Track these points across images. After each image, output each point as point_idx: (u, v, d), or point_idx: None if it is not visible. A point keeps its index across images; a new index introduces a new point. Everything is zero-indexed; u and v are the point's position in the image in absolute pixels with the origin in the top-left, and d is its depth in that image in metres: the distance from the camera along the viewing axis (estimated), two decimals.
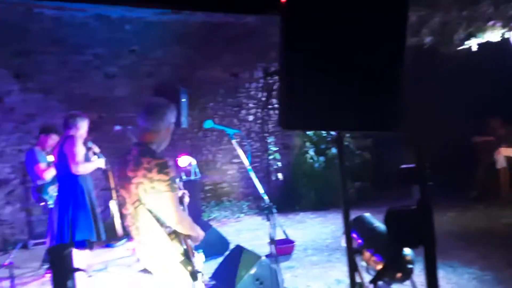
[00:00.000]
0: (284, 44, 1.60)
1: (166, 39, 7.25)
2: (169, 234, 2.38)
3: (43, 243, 5.36)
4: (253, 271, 3.91)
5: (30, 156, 4.94)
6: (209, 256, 5.12)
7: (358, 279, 1.97)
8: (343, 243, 2.01)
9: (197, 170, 7.14)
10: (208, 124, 3.61)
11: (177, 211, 2.39)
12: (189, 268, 2.40)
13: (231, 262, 4.35)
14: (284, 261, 4.76)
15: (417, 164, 1.46)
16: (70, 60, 6.67)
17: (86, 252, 3.58)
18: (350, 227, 2.03)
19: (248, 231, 6.46)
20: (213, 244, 5.26)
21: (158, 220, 2.36)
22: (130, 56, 7.13)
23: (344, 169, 1.99)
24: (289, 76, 1.61)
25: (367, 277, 2.05)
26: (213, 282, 4.30)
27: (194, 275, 2.42)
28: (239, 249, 4.49)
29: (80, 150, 3.73)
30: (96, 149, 4.28)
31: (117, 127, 6.10)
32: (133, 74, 7.14)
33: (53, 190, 4.68)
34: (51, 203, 4.71)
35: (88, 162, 3.90)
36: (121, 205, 2.55)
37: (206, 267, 4.78)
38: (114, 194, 5.86)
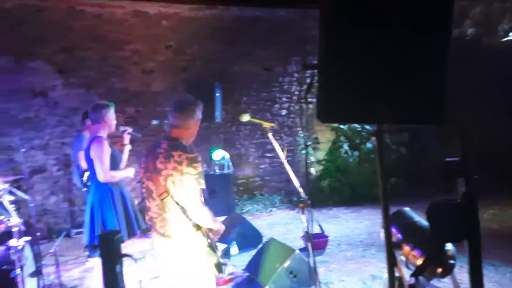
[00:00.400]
0: (323, 37, 1.60)
1: (201, 35, 7.35)
2: (193, 226, 2.45)
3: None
4: (287, 264, 3.94)
5: (76, 141, 5.13)
6: (242, 248, 5.22)
7: (396, 274, 1.96)
8: (382, 237, 2.00)
9: (230, 163, 7.22)
10: (246, 117, 3.64)
11: (200, 205, 2.46)
12: (214, 259, 2.46)
13: (265, 255, 4.39)
14: (318, 256, 4.76)
15: (462, 157, 1.44)
16: (110, 56, 6.87)
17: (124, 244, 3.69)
18: (389, 221, 2.02)
19: (281, 225, 6.48)
20: (247, 237, 5.33)
21: (184, 212, 2.43)
22: (167, 52, 7.27)
23: (384, 163, 1.96)
24: (329, 69, 1.61)
25: (406, 272, 2.03)
26: (246, 274, 4.36)
27: (219, 266, 2.48)
28: (273, 242, 4.53)
29: (106, 157, 3.61)
30: (130, 130, 4.11)
31: (154, 121, 6.27)
32: (169, 69, 7.28)
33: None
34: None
35: (116, 171, 3.75)
36: (146, 197, 2.59)
37: (240, 259, 4.89)
38: None
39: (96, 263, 3.72)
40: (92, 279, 4.36)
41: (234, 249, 5.11)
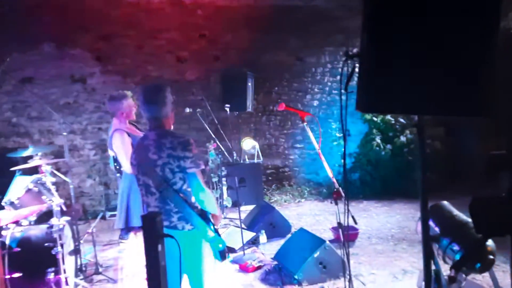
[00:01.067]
0: (367, 26, 1.59)
1: (235, 24, 7.37)
2: (197, 213, 2.39)
3: None
4: (316, 254, 3.96)
5: (110, 128, 5.31)
6: (271, 237, 5.27)
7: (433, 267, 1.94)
8: (419, 230, 1.98)
9: (260, 153, 7.26)
10: (281, 106, 3.65)
11: (204, 187, 2.39)
12: (220, 245, 2.42)
13: (294, 245, 4.43)
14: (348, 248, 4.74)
15: (508, 151, 1.41)
16: (146, 44, 7.00)
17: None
18: (427, 214, 2.00)
19: (309, 216, 6.48)
20: (275, 226, 5.37)
21: (186, 200, 2.37)
22: (200, 41, 7.34)
23: (424, 155, 1.94)
24: (372, 58, 1.60)
25: (442, 266, 2.01)
26: (275, 263, 4.40)
27: (223, 254, 2.43)
28: (303, 232, 4.55)
29: (127, 148, 3.64)
30: None
31: (187, 109, 6.38)
32: (203, 58, 7.35)
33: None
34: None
35: None
36: (143, 194, 2.52)
37: (268, 247, 4.94)
38: None
39: (128, 245, 3.84)
40: (125, 260, 4.51)
41: (262, 238, 5.17)
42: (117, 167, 5.03)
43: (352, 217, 5.24)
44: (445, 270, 1.98)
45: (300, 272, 3.90)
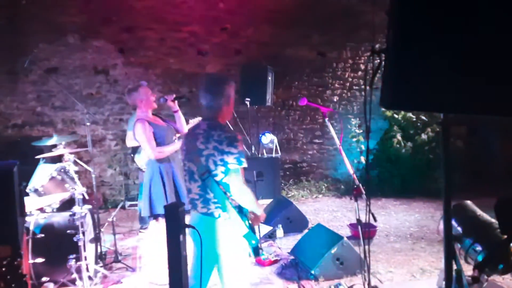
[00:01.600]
0: (396, 20, 1.56)
1: (257, 17, 7.35)
2: (235, 206, 2.43)
3: (137, 205, 5.82)
4: (334, 250, 3.95)
5: (130, 119, 5.42)
6: (287, 232, 5.27)
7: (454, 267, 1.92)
8: (441, 229, 1.96)
9: (278, 147, 7.25)
10: (302, 101, 3.63)
11: (242, 184, 2.43)
12: (253, 241, 2.43)
13: (311, 240, 4.43)
14: (365, 245, 4.72)
15: None
16: (168, 36, 7.05)
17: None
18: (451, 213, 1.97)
19: (327, 212, 6.47)
20: (292, 221, 5.37)
21: (225, 193, 2.41)
22: (222, 34, 7.35)
23: (449, 153, 1.91)
24: (399, 54, 1.57)
25: (464, 266, 1.98)
26: (292, 257, 4.41)
27: (256, 250, 2.48)
28: (320, 228, 4.54)
29: (149, 136, 3.70)
30: (171, 97, 3.98)
31: None
32: (223, 51, 7.36)
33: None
34: (144, 167, 5.12)
35: (164, 146, 3.80)
36: (188, 179, 2.58)
37: (285, 242, 4.95)
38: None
39: (147, 234, 3.90)
40: (144, 249, 4.59)
41: (279, 232, 5.18)
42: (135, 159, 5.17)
43: (372, 214, 5.21)
44: (467, 270, 1.95)
45: (317, 267, 3.91)
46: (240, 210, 2.45)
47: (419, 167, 7.13)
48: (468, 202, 2.18)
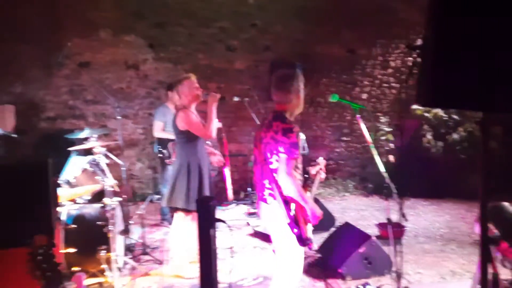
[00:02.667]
0: (434, 16, 1.51)
1: (287, 14, 7.30)
2: (284, 195, 2.53)
3: None
4: (362, 250, 3.89)
5: (158, 110, 5.51)
6: (314, 230, 5.21)
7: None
8: (477, 231, 1.90)
9: (306, 145, 7.19)
10: (334, 97, 3.60)
11: (285, 174, 2.49)
12: (295, 230, 2.51)
13: (339, 238, 4.37)
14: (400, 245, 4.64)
15: None
16: (198, 32, 7.10)
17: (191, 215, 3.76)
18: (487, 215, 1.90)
19: (354, 211, 6.38)
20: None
21: (276, 181, 2.53)
22: (251, 30, 7.34)
23: (487, 154, 1.84)
24: (436, 50, 1.52)
25: (501, 270, 1.91)
26: (318, 255, 4.37)
27: (300, 239, 2.53)
28: (348, 227, 4.48)
29: (196, 119, 3.73)
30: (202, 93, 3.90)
31: (236, 98, 6.41)
32: (252, 47, 7.36)
33: (171, 148, 5.09)
34: (169, 159, 5.19)
35: (210, 123, 3.74)
36: (253, 163, 2.81)
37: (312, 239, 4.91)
38: (227, 161, 6.20)
39: (175, 227, 3.93)
40: (172, 242, 4.65)
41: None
42: (162, 151, 5.27)
43: (403, 214, 5.10)
44: (503, 274, 1.89)
45: (344, 266, 3.86)
46: (285, 199, 2.54)
47: (450, 167, 6.94)
48: (506, 203, 2.10)
